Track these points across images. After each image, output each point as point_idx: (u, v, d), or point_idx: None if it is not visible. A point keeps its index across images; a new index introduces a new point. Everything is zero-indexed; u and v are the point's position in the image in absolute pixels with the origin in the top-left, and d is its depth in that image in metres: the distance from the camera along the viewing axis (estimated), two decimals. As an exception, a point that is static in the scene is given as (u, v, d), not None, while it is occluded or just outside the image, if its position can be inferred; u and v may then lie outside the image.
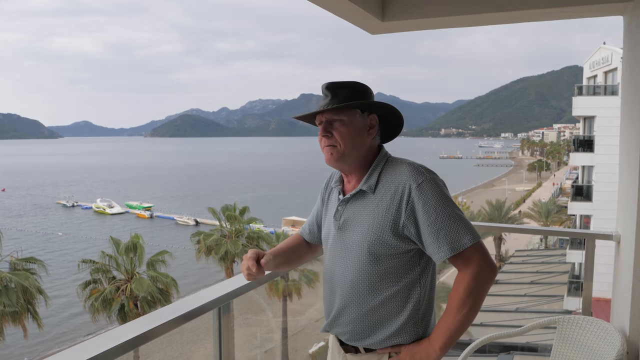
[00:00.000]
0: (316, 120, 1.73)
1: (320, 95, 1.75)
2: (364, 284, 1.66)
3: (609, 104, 18.52)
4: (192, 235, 27.41)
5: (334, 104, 1.65)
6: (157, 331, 1.48)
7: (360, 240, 1.65)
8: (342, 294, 1.71)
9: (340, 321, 1.74)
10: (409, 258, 1.64)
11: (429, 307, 1.70)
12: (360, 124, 1.69)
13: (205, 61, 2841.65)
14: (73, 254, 38.93)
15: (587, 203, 20.09)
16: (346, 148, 1.67)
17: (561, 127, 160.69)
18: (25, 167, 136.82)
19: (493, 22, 2.99)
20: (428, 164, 1.75)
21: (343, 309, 1.72)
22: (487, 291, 1.58)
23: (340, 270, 1.72)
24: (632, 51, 2.52)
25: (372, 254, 1.63)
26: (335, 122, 1.67)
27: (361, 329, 1.69)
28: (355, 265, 1.67)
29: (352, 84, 1.69)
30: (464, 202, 51.82)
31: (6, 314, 18.41)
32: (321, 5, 2.58)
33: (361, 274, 1.66)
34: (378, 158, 1.72)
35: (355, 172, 1.74)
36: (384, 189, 1.64)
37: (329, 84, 1.68)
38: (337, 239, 1.74)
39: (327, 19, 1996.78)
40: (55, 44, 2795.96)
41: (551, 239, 35.52)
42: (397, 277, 1.64)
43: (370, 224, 1.63)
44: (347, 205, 1.72)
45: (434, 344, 1.60)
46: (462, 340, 7.75)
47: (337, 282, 1.73)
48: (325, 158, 1.71)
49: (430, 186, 1.58)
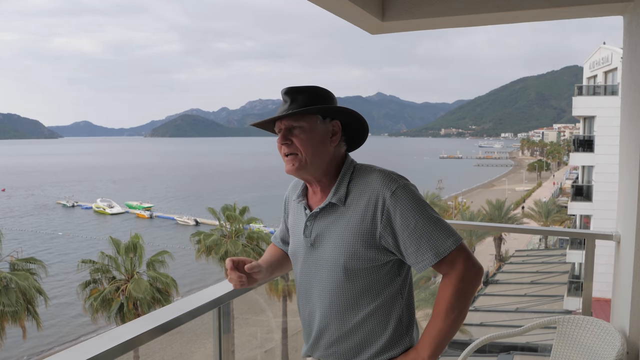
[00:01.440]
0: (275, 128, 1.62)
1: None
2: (343, 301, 1.57)
3: (609, 104, 18.52)
4: (192, 235, 27.40)
5: (293, 110, 1.55)
6: (157, 331, 1.48)
7: (334, 256, 1.55)
8: (321, 314, 1.62)
9: (321, 344, 1.64)
10: (387, 270, 1.57)
11: (411, 317, 1.64)
12: (322, 130, 1.59)
13: (205, 61, 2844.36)
14: (73, 254, 38.95)
15: (587, 203, 20.09)
16: (308, 156, 1.57)
17: (561, 127, 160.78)
18: (26, 167, 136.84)
19: (493, 22, 2.99)
20: (428, 164, 1.74)
21: (323, 331, 1.62)
22: (474, 293, 1.53)
23: (317, 289, 1.62)
24: (632, 51, 2.52)
25: (348, 269, 1.54)
26: (295, 129, 1.57)
27: (345, 350, 1.60)
28: (331, 283, 1.57)
29: (311, 89, 1.59)
30: (464, 202, 51.85)
31: (6, 314, 18.41)
32: (321, 5, 2.58)
33: (339, 292, 1.56)
34: (345, 167, 1.62)
35: (320, 183, 1.64)
36: (355, 199, 1.55)
37: (287, 89, 1.59)
38: (309, 256, 1.64)
39: (327, 19, 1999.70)
40: (55, 44, 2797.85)
41: (551, 239, 35.52)
42: (377, 291, 1.56)
43: (343, 238, 1.54)
44: (315, 220, 1.62)
45: (422, 352, 1.52)
46: (462, 340, 7.83)
47: (315, 302, 1.63)
48: (285, 168, 1.61)
49: (405, 192, 1.50)
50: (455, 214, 44.61)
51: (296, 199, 1.73)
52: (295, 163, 1.58)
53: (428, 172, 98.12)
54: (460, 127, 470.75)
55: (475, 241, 32.54)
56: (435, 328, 1.50)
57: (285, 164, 1.61)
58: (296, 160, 1.58)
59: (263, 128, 1.68)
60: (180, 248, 37.91)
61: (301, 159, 1.58)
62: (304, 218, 1.66)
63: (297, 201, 1.72)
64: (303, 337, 1.74)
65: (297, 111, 1.54)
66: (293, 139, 1.57)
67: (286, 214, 1.86)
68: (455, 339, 1.69)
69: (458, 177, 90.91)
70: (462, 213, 42.06)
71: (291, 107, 1.56)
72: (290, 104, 1.57)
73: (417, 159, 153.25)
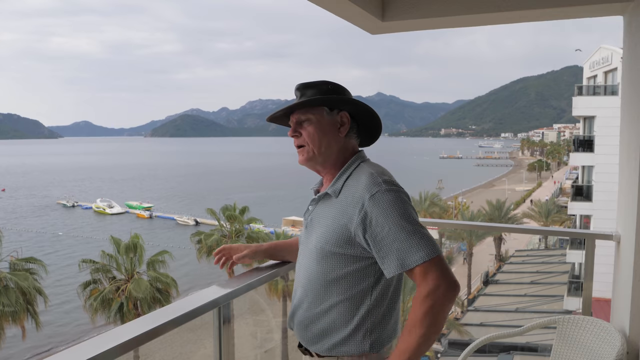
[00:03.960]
0: (290, 122, 1.72)
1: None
2: (316, 287, 1.64)
3: (609, 104, 18.52)
4: (192, 235, 27.41)
5: (298, 105, 1.65)
6: (157, 331, 1.48)
7: (317, 243, 1.63)
8: (299, 292, 1.71)
9: (295, 319, 1.73)
10: (360, 267, 1.59)
11: (382, 321, 1.63)
12: (329, 121, 1.66)
13: (205, 61, 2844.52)
14: (73, 253, 38.93)
15: (587, 203, 20.10)
16: (315, 147, 1.65)
17: (561, 127, 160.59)
18: (26, 167, 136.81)
19: (493, 22, 2.99)
20: (428, 164, 1.74)
21: (298, 307, 1.71)
22: (447, 310, 1.47)
23: (302, 270, 1.71)
24: (632, 51, 2.52)
25: (323, 258, 1.60)
26: (304, 121, 1.66)
27: (310, 331, 1.68)
28: (310, 267, 1.66)
29: (320, 83, 1.67)
30: (464, 202, 51.84)
31: (5, 314, 18.40)
32: (321, 5, 2.58)
33: (314, 277, 1.64)
34: (350, 162, 1.67)
35: (329, 173, 1.71)
36: (345, 195, 1.60)
37: (299, 85, 1.68)
38: (303, 237, 1.75)
39: (327, 19, 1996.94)
40: (54, 44, 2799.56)
41: (551, 239, 35.52)
42: (348, 285, 1.59)
43: (326, 228, 1.61)
44: (316, 206, 1.71)
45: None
46: (462, 340, 7.87)
47: (299, 281, 1.72)
48: (298, 159, 1.71)
49: (385, 197, 1.50)
50: (455, 214, 44.59)
51: (315, 185, 1.83)
52: (305, 154, 1.68)
53: (428, 172, 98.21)
54: (460, 127, 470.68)
55: (475, 241, 32.53)
56: (404, 344, 1.47)
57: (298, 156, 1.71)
58: (304, 151, 1.68)
59: (280, 123, 1.79)
60: (180, 248, 37.90)
61: (309, 151, 1.67)
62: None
63: (314, 187, 1.82)
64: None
65: (300, 102, 1.64)
66: (302, 131, 1.67)
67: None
68: (455, 339, 1.69)
69: (458, 177, 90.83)
70: (462, 213, 42.05)
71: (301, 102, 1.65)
72: (299, 98, 1.67)
73: (417, 159, 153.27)
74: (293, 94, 1.71)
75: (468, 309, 21.01)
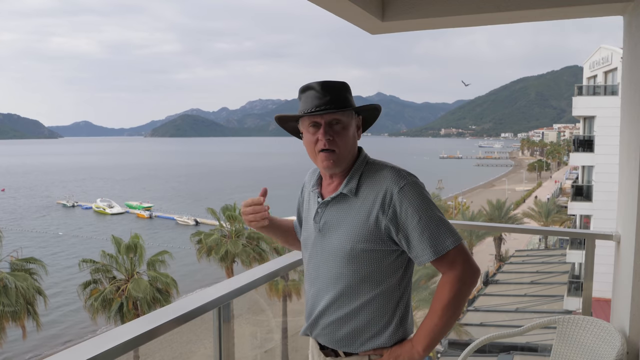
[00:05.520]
0: (307, 121, 1.63)
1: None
2: (346, 286, 1.63)
3: (609, 104, 18.52)
4: (192, 235, 27.40)
5: (336, 106, 1.58)
6: (157, 331, 1.48)
7: (341, 244, 1.62)
8: (324, 297, 1.69)
9: (320, 324, 1.71)
10: (390, 261, 1.63)
11: (407, 309, 1.70)
12: (354, 125, 1.67)
13: (204, 61, 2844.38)
14: (73, 253, 38.93)
15: (587, 203, 20.09)
16: (344, 151, 1.63)
17: (561, 127, 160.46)
18: (26, 167, 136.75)
19: (493, 22, 2.99)
20: (428, 164, 1.75)
21: (324, 312, 1.69)
22: (470, 294, 1.60)
23: (324, 273, 1.69)
24: (632, 51, 2.52)
25: (353, 256, 1.60)
26: (337, 124, 1.61)
27: (341, 332, 1.67)
28: (337, 268, 1.64)
29: (345, 85, 1.65)
30: (464, 202, 51.83)
31: (5, 314, 18.39)
32: (321, 5, 2.58)
33: (343, 277, 1.63)
34: (359, 160, 1.69)
35: (341, 175, 1.70)
36: (365, 192, 1.61)
37: (323, 84, 1.60)
38: (317, 242, 1.71)
39: (327, 19, 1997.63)
40: (53, 44, 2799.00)
41: (551, 239, 35.50)
42: (379, 280, 1.62)
43: (352, 227, 1.60)
44: (327, 208, 1.69)
45: (417, 345, 1.60)
46: (462, 340, 7.85)
47: (321, 285, 1.70)
48: (323, 164, 1.63)
49: (412, 189, 1.56)
50: (455, 213, 44.58)
51: (311, 188, 1.80)
52: (334, 158, 1.62)
53: (428, 172, 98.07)
54: (460, 127, 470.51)
55: (475, 241, 32.52)
56: (431, 323, 1.57)
57: (320, 160, 1.63)
58: (334, 155, 1.62)
59: (285, 126, 1.74)
60: (181, 248, 37.89)
61: (339, 154, 1.62)
62: (316, 205, 1.73)
63: (312, 190, 1.79)
64: (305, 317, 1.80)
65: (354, 108, 1.64)
66: (334, 135, 1.61)
67: (302, 198, 1.92)
68: (455, 339, 1.70)
69: (458, 177, 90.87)
70: (462, 213, 42.04)
71: (332, 102, 1.59)
72: (330, 98, 1.59)
73: (417, 159, 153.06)
74: (293, 94, 1.71)
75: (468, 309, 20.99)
